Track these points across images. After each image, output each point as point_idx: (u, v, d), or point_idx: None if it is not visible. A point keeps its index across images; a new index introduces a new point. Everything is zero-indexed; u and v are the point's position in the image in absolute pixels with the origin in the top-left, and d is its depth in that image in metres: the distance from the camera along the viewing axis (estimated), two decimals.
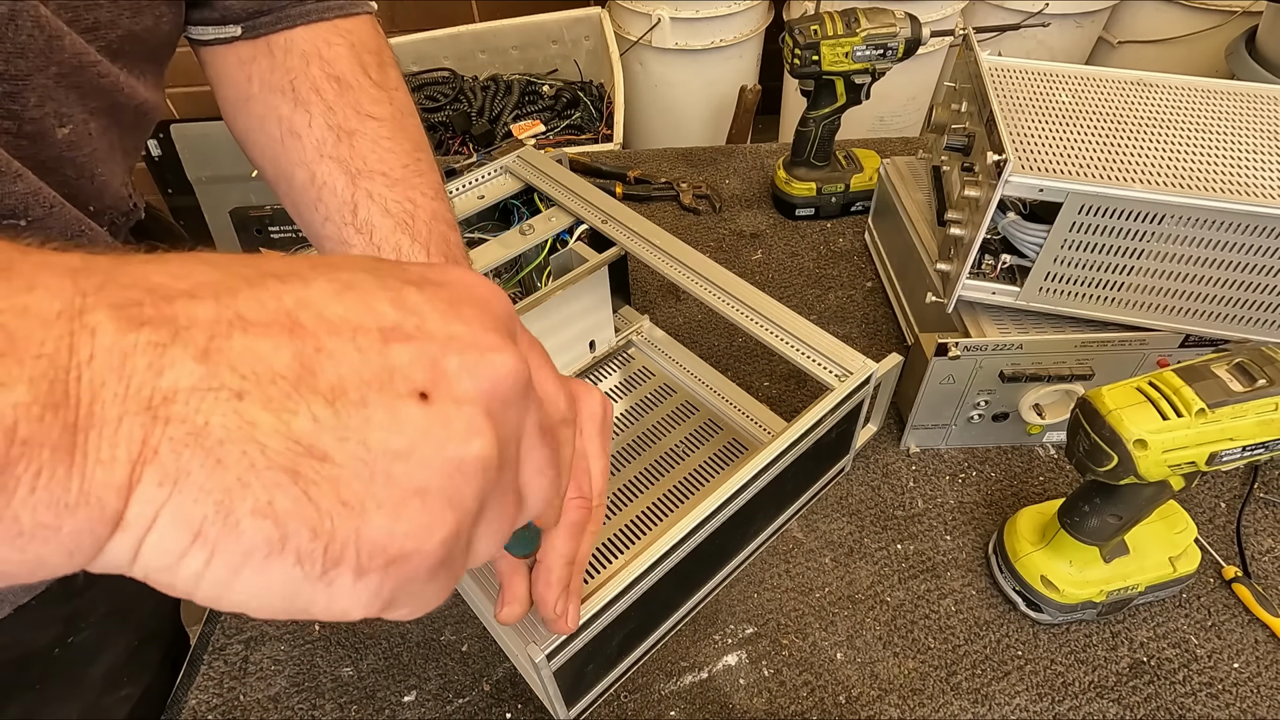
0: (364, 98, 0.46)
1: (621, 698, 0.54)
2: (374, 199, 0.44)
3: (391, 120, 0.46)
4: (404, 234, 0.44)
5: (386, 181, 0.45)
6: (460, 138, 1.66)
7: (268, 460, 0.17)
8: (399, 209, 0.44)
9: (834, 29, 0.79)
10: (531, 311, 0.62)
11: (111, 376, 0.16)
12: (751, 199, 0.96)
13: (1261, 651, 0.55)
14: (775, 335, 0.56)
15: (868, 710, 0.53)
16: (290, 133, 0.45)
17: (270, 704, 0.55)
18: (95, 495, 0.16)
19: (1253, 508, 0.63)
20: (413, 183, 0.46)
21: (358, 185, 0.44)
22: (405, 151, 0.46)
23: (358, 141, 0.45)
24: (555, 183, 0.70)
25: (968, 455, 0.68)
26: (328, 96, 0.45)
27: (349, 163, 0.44)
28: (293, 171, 0.45)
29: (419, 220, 0.45)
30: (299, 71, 0.45)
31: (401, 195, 0.45)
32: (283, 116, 0.45)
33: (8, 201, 0.36)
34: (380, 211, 0.44)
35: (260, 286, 0.19)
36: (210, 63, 0.48)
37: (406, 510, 0.19)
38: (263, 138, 0.46)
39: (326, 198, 0.44)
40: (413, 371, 0.19)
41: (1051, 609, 0.55)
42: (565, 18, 1.78)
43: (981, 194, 0.56)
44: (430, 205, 0.46)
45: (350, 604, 0.19)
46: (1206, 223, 0.53)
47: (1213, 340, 0.60)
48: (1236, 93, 0.64)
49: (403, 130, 0.47)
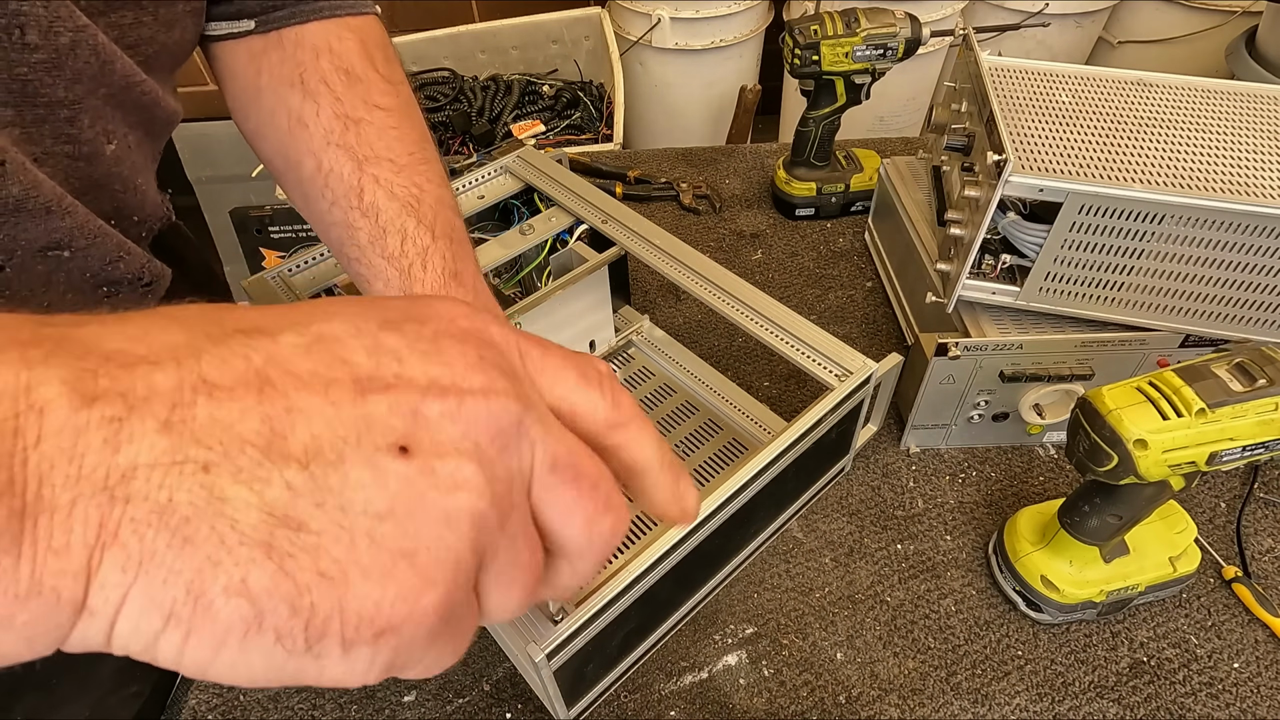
0: (373, 90, 0.46)
1: (621, 697, 0.54)
2: (380, 183, 0.45)
3: (399, 111, 0.47)
4: (410, 216, 0.45)
5: (393, 167, 0.45)
6: (460, 138, 1.66)
7: (239, 536, 0.16)
8: (405, 193, 0.45)
9: (834, 29, 0.79)
10: (531, 311, 0.62)
11: (61, 459, 0.15)
12: (751, 199, 0.96)
13: (1261, 651, 0.55)
14: (775, 335, 0.56)
15: (868, 710, 0.53)
16: (298, 122, 0.45)
17: (270, 704, 0.55)
18: (49, 584, 0.15)
19: (1253, 508, 0.63)
20: (418, 169, 0.46)
21: (364, 170, 0.45)
22: (412, 140, 0.47)
23: (365, 130, 0.45)
24: (555, 183, 0.70)
25: (968, 455, 0.68)
26: (336, 88, 0.45)
27: (356, 149, 0.45)
28: (301, 160, 0.46)
29: (425, 204, 0.46)
30: (309, 64, 0.45)
31: (407, 180, 0.46)
32: (291, 108, 0.45)
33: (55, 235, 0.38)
34: (386, 195, 0.45)
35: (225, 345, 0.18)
36: (220, 58, 0.49)
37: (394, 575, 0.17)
38: (271, 130, 0.47)
39: (333, 183, 0.45)
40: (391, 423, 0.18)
41: (1051, 609, 0.55)
42: (565, 18, 1.78)
43: (981, 194, 0.56)
44: (436, 190, 0.47)
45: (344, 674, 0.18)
46: (1206, 223, 0.53)
47: (1213, 340, 0.60)
48: (1236, 93, 0.64)
49: (409, 120, 0.48)
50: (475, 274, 0.47)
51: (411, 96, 0.49)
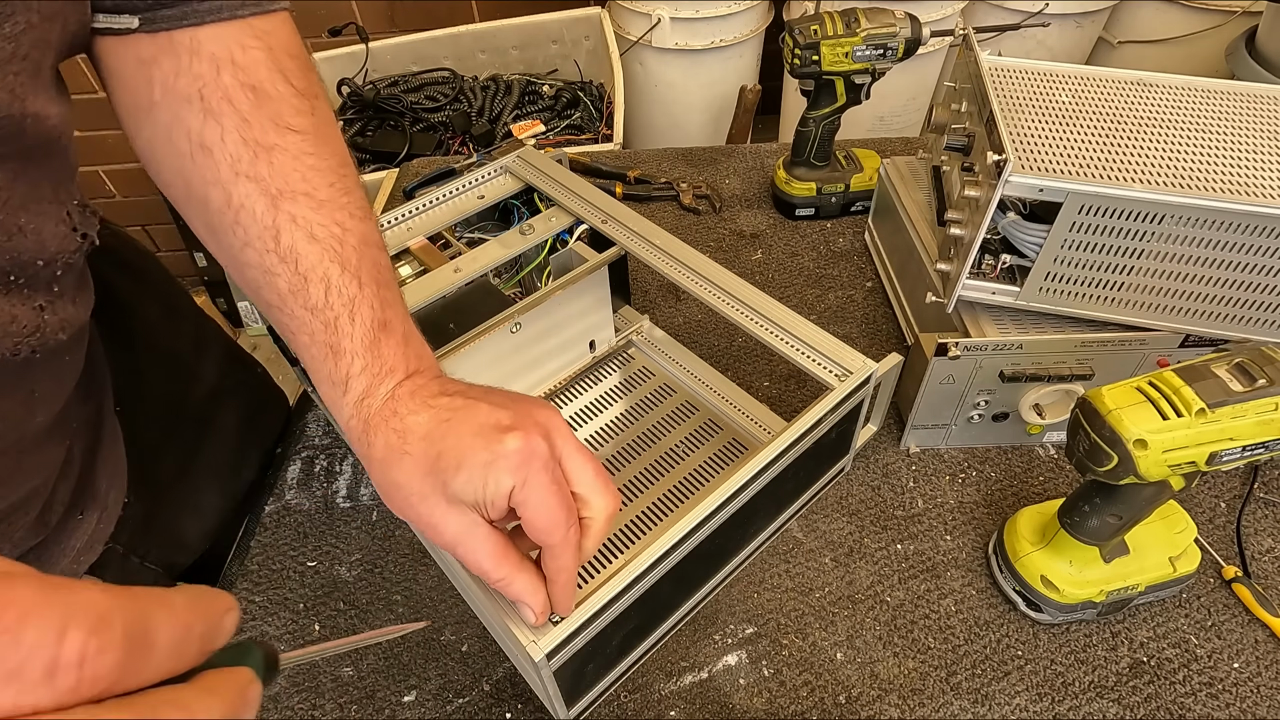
0: (284, 109, 0.41)
1: (621, 698, 0.54)
2: (298, 224, 0.40)
3: (314, 133, 0.42)
4: (333, 262, 0.40)
5: (311, 203, 0.41)
6: (460, 138, 1.66)
7: None
8: (326, 234, 0.41)
9: (834, 29, 0.79)
10: (531, 311, 0.62)
11: None
12: (751, 199, 0.96)
13: (1261, 651, 0.55)
14: (775, 335, 0.56)
15: (868, 710, 0.53)
16: (200, 147, 0.40)
17: (270, 704, 0.55)
18: None
19: (1253, 508, 0.63)
20: (340, 203, 0.42)
21: (279, 208, 0.40)
22: (330, 169, 0.42)
23: (277, 158, 0.40)
24: (555, 183, 0.70)
25: (968, 455, 0.68)
26: (242, 108, 0.40)
27: (268, 182, 0.40)
28: (206, 192, 0.40)
29: (349, 245, 0.41)
30: (208, 79, 0.40)
31: (328, 218, 0.41)
32: (191, 130, 0.40)
33: None
34: (306, 238, 0.40)
35: None
36: (104, 58, 0.42)
37: None
38: (169, 153, 0.41)
39: (245, 221, 0.40)
40: None
41: (1051, 609, 0.55)
42: (565, 18, 1.78)
43: (981, 194, 0.56)
44: (360, 228, 0.42)
45: None
46: (1206, 223, 0.53)
47: (1213, 340, 0.60)
48: (1236, 93, 0.64)
49: (326, 144, 0.43)
50: (404, 318, 0.43)
51: (328, 111, 0.44)
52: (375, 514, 0.66)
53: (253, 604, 0.60)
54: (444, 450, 0.37)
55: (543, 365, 0.70)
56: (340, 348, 0.39)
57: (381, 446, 0.38)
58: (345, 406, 0.40)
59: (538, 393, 0.71)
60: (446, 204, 0.70)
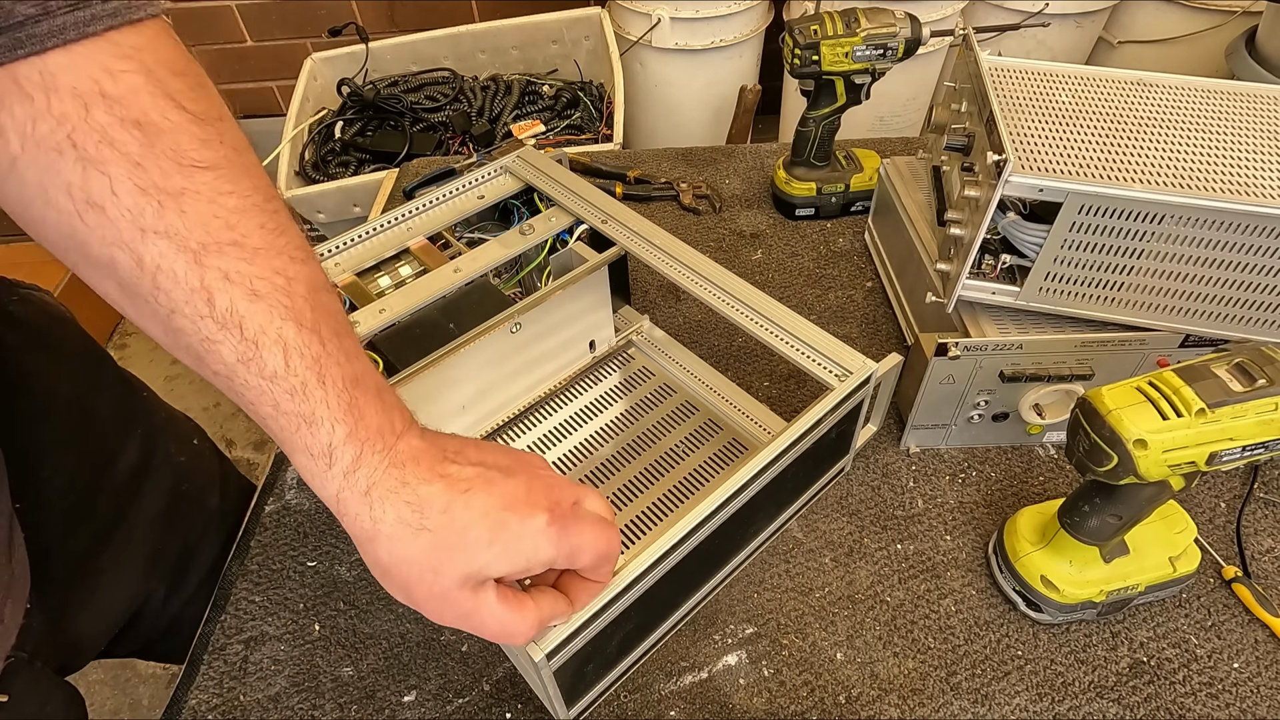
0: (184, 141, 0.33)
1: (621, 698, 0.54)
2: (233, 281, 0.33)
3: (227, 166, 0.35)
4: (287, 320, 0.34)
5: (243, 253, 0.34)
6: (460, 138, 1.66)
7: None
8: (269, 287, 0.34)
9: (834, 29, 0.79)
10: (531, 312, 0.62)
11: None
12: (751, 199, 0.96)
13: (1261, 651, 0.55)
14: (775, 335, 0.56)
15: (868, 710, 0.53)
16: (89, 205, 0.32)
17: (270, 704, 0.55)
18: None
19: (1253, 508, 0.63)
20: (276, 247, 0.35)
21: (205, 266, 0.33)
22: (256, 206, 0.35)
23: (189, 204, 0.33)
24: (555, 183, 0.70)
25: (968, 455, 0.68)
26: (129, 150, 0.32)
27: (185, 236, 0.32)
28: (110, 256, 0.33)
29: (298, 297, 0.35)
30: (76, 121, 0.31)
31: (267, 268, 0.34)
32: (72, 184, 0.32)
33: None
34: (246, 296, 0.33)
35: None
36: None
37: None
38: (50, 214, 0.33)
39: (166, 286, 0.33)
40: None
41: (1051, 609, 0.55)
42: (565, 18, 1.78)
43: (981, 194, 0.56)
44: (304, 273, 0.36)
45: None
46: (1206, 223, 0.53)
47: (1213, 340, 0.60)
48: (1236, 93, 0.64)
49: (245, 176, 0.35)
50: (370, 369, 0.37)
51: (238, 135, 0.36)
52: None
53: (253, 604, 0.60)
54: (469, 525, 0.35)
55: (543, 365, 0.70)
56: (314, 416, 0.34)
57: (392, 521, 0.35)
58: (331, 480, 0.35)
59: (538, 392, 0.71)
60: (446, 204, 0.70)
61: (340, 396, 0.35)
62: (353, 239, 0.66)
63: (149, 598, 0.64)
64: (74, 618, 0.57)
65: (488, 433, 0.68)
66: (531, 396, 0.70)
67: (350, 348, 0.37)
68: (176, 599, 0.66)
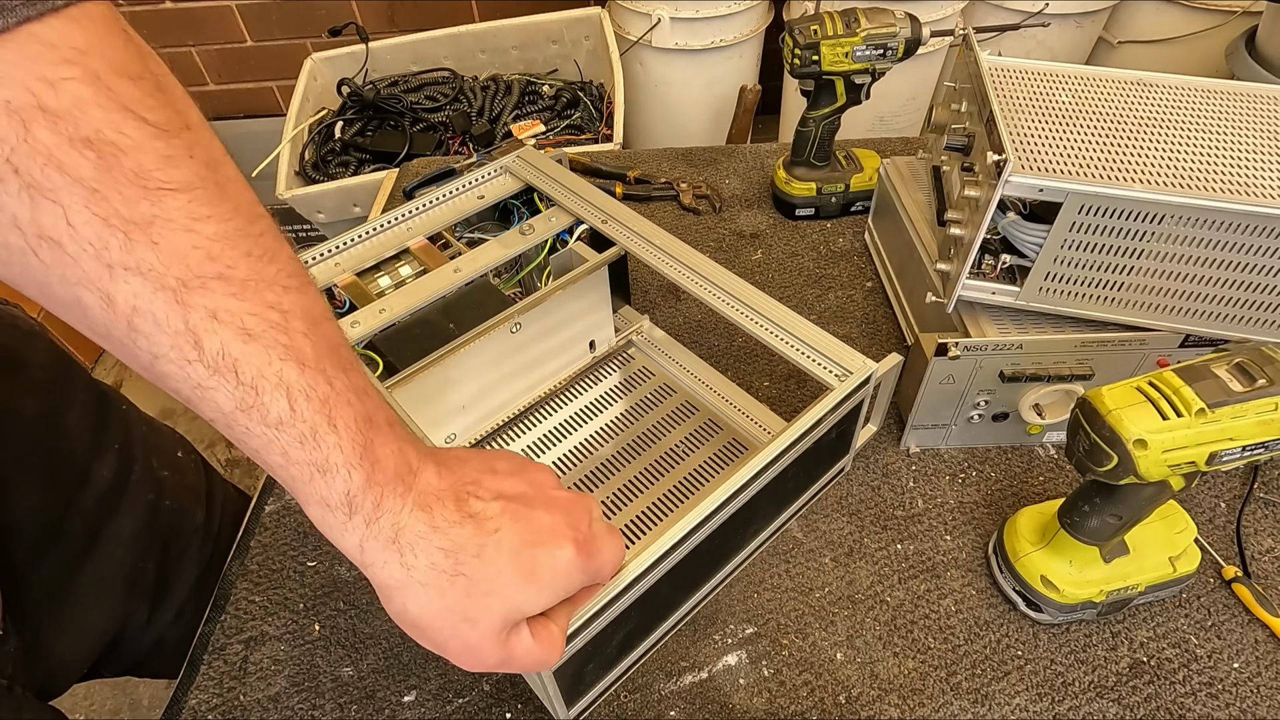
0: (147, 160, 0.28)
1: (621, 698, 0.54)
2: (221, 321, 0.29)
3: (202, 184, 0.30)
4: (287, 360, 0.30)
5: (230, 288, 0.29)
6: (460, 138, 1.66)
7: None
8: (263, 325, 0.30)
9: (834, 29, 0.79)
10: (531, 312, 0.62)
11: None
12: (751, 199, 0.96)
13: (1261, 651, 0.55)
14: (775, 335, 0.56)
15: (868, 710, 0.53)
16: (43, 240, 0.27)
17: (270, 704, 0.55)
18: None
19: (1253, 508, 0.63)
20: (266, 277, 0.31)
21: (188, 306, 0.29)
22: (240, 231, 0.30)
23: (161, 234, 0.28)
24: (555, 183, 0.70)
25: (968, 455, 0.68)
26: (82, 174, 0.27)
27: (161, 273, 0.28)
28: (76, 295, 0.28)
29: (296, 334, 0.31)
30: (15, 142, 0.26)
31: (258, 303, 0.30)
32: (20, 219, 0.27)
33: None
34: (239, 337, 0.29)
35: None
36: None
37: None
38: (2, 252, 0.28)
39: (145, 329, 0.29)
40: None
41: (1051, 609, 0.55)
42: (565, 18, 1.78)
43: (981, 194, 0.56)
44: (300, 303, 0.32)
45: None
46: (1206, 223, 0.53)
47: (1213, 340, 0.60)
48: (1236, 93, 0.64)
49: (223, 195, 0.31)
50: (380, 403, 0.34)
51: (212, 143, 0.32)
52: None
53: (253, 604, 0.60)
54: (502, 569, 0.34)
55: (543, 365, 0.70)
56: (328, 464, 0.31)
57: (425, 569, 0.33)
58: (352, 530, 0.33)
59: (538, 392, 0.71)
60: (446, 204, 0.70)
61: (355, 440, 0.32)
62: (353, 239, 0.66)
63: (129, 619, 0.63)
64: (50, 643, 0.56)
65: (488, 432, 0.68)
66: (532, 396, 0.70)
67: (359, 384, 0.34)
68: (159, 619, 0.65)
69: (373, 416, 0.33)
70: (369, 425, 0.33)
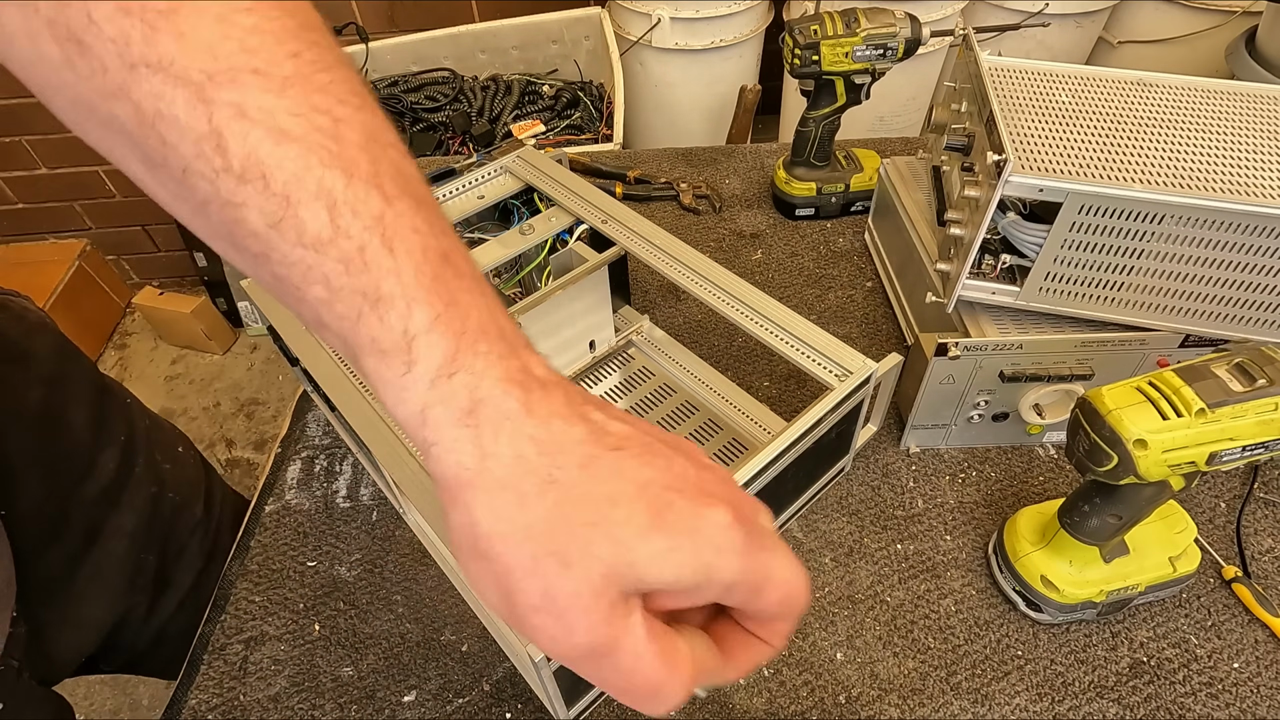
0: None
1: None
2: (249, 117, 0.24)
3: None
4: (332, 166, 0.25)
5: (266, 83, 0.24)
6: (460, 138, 1.66)
7: None
8: (304, 125, 0.25)
9: (834, 29, 0.79)
10: (531, 312, 0.62)
11: None
12: (751, 199, 0.96)
13: (1261, 651, 0.55)
14: (775, 335, 0.56)
15: (868, 710, 0.53)
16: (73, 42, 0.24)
17: (270, 704, 0.55)
18: None
19: (1253, 508, 0.63)
20: (316, 82, 0.25)
21: (212, 101, 0.24)
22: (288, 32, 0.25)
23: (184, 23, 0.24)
24: (555, 183, 0.70)
25: (968, 455, 0.68)
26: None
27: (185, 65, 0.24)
28: (112, 112, 0.25)
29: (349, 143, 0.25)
30: None
31: (301, 102, 0.25)
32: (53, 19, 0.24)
33: None
34: (271, 136, 0.24)
35: None
36: None
37: None
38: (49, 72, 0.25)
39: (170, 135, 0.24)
40: None
41: (1051, 609, 0.55)
42: (565, 18, 1.78)
43: (981, 194, 0.56)
44: (359, 119, 0.26)
45: None
46: (1206, 223, 0.53)
47: (1213, 340, 0.60)
48: (1236, 93, 0.64)
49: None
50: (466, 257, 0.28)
51: None
52: (375, 514, 0.66)
53: (253, 604, 0.60)
54: (618, 494, 0.25)
55: None
56: (381, 292, 0.25)
57: (509, 459, 0.25)
58: (413, 385, 0.25)
59: None
60: (446, 204, 0.70)
61: (420, 269, 0.25)
62: None
63: (129, 612, 0.63)
64: (51, 632, 0.56)
65: None
66: None
67: (435, 220, 0.27)
68: (159, 613, 0.65)
69: (451, 256, 0.26)
70: (443, 261, 0.26)
